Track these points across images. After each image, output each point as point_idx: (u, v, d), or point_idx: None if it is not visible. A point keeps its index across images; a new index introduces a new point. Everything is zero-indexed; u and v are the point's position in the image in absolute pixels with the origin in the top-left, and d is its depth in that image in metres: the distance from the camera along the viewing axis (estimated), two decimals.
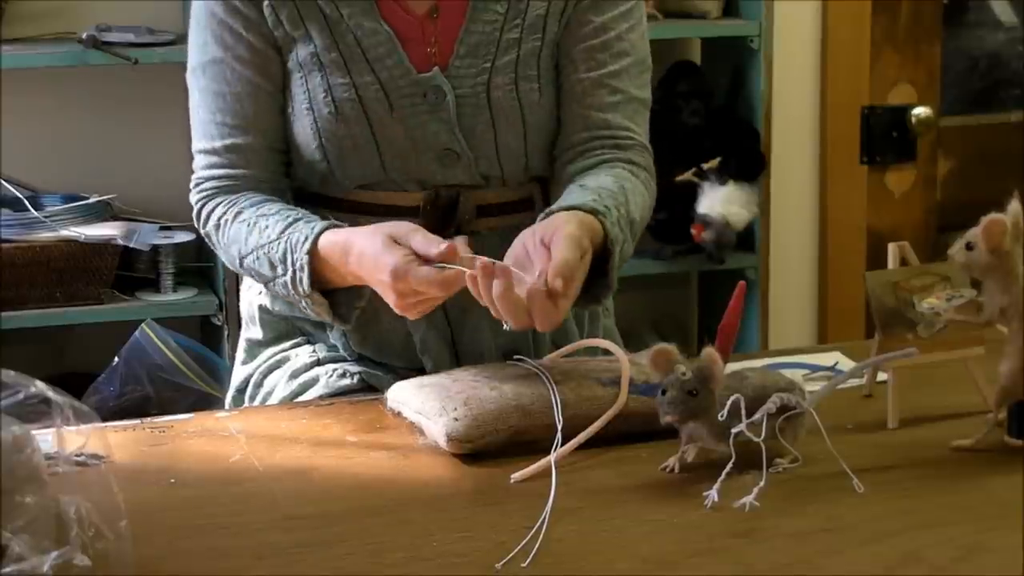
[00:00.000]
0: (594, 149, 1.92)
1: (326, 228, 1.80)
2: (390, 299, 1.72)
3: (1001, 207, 1.60)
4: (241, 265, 1.90)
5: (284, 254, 1.81)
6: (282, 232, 1.82)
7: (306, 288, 1.79)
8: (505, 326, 1.68)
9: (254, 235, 1.85)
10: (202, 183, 1.94)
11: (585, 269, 1.69)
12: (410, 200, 1.92)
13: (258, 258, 1.85)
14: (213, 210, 1.92)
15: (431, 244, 1.69)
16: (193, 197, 1.95)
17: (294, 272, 1.80)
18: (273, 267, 1.83)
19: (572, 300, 1.67)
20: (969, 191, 3.60)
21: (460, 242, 1.70)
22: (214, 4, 1.90)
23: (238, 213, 1.89)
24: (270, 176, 1.93)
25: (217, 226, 1.91)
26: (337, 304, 1.83)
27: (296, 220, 1.83)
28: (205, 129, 1.93)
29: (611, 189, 1.84)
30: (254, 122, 1.91)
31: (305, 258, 1.78)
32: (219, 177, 1.92)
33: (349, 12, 1.88)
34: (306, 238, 1.79)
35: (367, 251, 1.72)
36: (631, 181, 1.89)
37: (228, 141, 1.91)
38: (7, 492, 1.27)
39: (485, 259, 1.64)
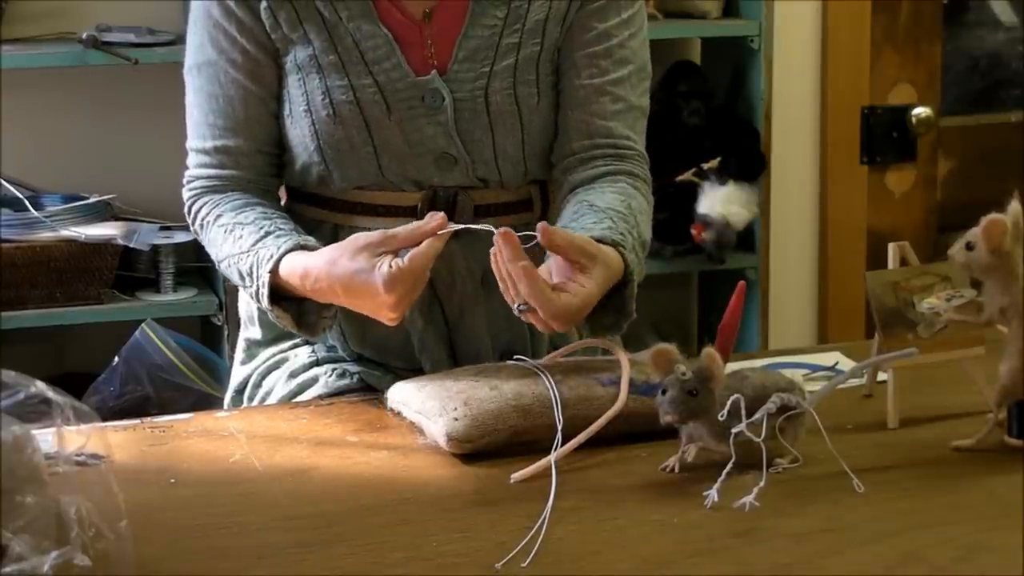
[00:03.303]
0: (595, 158, 1.92)
1: (291, 249, 1.82)
2: (383, 316, 1.75)
3: (1001, 207, 1.60)
4: (218, 267, 1.94)
5: (251, 268, 1.84)
6: (252, 245, 1.85)
7: (266, 304, 1.82)
8: (515, 306, 1.68)
9: (228, 242, 1.89)
10: (192, 181, 1.97)
11: (599, 289, 1.71)
12: (407, 200, 1.92)
13: (230, 266, 1.89)
14: (200, 209, 1.95)
15: (418, 224, 1.72)
16: (184, 194, 1.98)
17: (258, 287, 1.83)
18: (242, 277, 1.87)
19: (579, 304, 1.68)
20: (969, 191, 3.60)
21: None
22: (211, 5, 1.90)
23: (218, 216, 1.92)
24: (258, 177, 1.96)
25: (202, 226, 1.96)
26: (307, 312, 1.85)
27: (268, 234, 1.86)
28: (198, 129, 1.96)
29: (621, 211, 1.84)
30: (244, 125, 1.92)
31: (266, 277, 1.81)
32: (208, 177, 1.95)
33: (348, 15, 1.88)
34: (270, 257, 1.82)
35: (355, 276, 1.73)
36: (636, 199, 1.89)
37: (219, 143, 1.93)
38: (7, 492, 1.27)
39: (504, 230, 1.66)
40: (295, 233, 1.86)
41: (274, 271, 1.81)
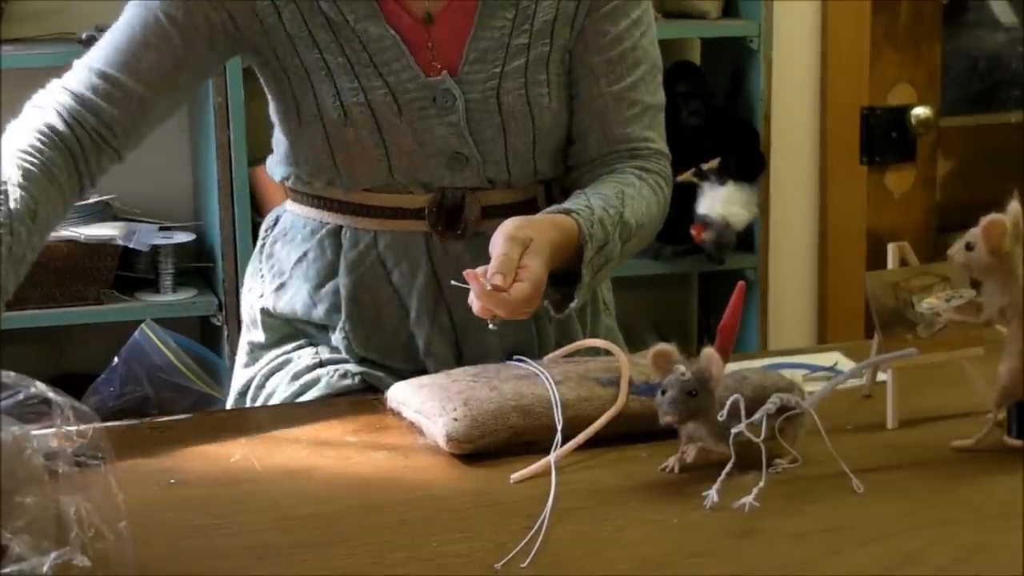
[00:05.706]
0: (611, 162, 1.94)
1: None
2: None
3: (1001, 207, 1.60)
4: None
5: None
6: None
7: None
8: (490, 324, 1.71)
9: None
10: (58, 86, 1.85)
11: (543, 259, 1.71)
12: (416, 202, 1.92)
13: None
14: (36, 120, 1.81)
15: None
16: (48, 85, 1.86)
17: None
18: None
19: (531, 289, 1.68)
20: (969, 191, 3.60)
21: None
22: None
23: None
24: (112, 121, 1.83)
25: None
26: None
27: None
28: (100, 52, 1.85)
29: (605, 193, 1.86)
30: (145, 73, 1.82)
31: None
32: (73, 92, 1.83)
33: (354, 17, 1.88)
34: None
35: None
36: (634, 187, 1.90)
37: (109, 70, 1.83)
38: (7, 492, 1.27)
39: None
40: None
41: None
